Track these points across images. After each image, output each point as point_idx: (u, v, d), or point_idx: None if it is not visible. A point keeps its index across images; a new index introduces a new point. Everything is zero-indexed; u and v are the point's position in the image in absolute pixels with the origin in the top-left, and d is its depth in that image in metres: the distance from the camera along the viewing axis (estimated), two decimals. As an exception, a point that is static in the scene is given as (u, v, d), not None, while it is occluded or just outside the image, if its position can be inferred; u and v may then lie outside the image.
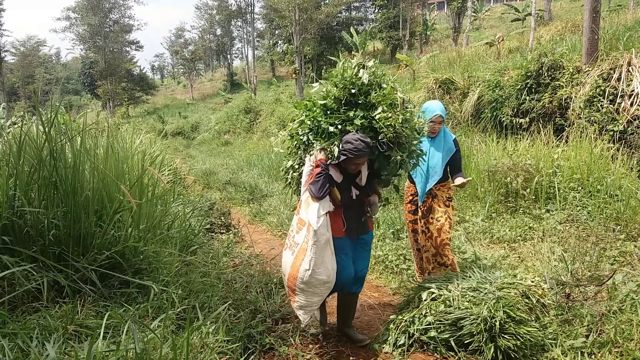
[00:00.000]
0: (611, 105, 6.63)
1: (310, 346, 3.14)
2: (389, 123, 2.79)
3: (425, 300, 3.09)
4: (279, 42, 40.16)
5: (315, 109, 3.01)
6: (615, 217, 4.82)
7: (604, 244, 4.29)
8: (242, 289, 3.61)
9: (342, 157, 2.82)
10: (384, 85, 2.95)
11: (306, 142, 3.00)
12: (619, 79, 6.71)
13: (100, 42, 38.72)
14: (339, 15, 34.22)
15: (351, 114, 2.86)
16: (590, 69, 7.25)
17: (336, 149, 2.83)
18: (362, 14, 41.01)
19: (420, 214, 3.86)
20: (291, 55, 28.87)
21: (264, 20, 40.37)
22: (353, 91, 2.90)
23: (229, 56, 50.39)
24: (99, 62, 38.43)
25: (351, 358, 3.02)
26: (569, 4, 27.31)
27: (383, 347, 3.06)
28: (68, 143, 3.15)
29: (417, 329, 2.99)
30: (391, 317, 3.25)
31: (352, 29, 25.28)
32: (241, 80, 40.17)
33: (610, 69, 6.90)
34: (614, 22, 10.90)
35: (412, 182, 3.90)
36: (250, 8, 38.48)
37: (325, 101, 2.96)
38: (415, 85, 11.98)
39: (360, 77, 2.91)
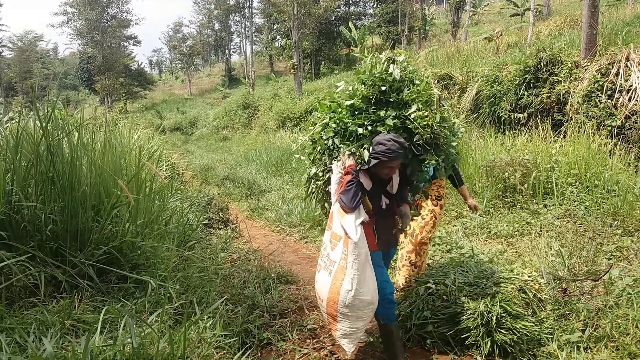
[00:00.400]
0: (609, 101, 6.63)
1: (308, 341, 3.15)
2: (425, 123, 2.55)
3: (422, 295, 3.10)
4: (277, 37, 40.02)
5: (340, 110, 2.74)
6: (613, 212, 4.84)
7: (601, 239, 4.31)
8: (239, 284, 3.62)
9: (374, 161, 2.53)
10: (417, 81, 2.73)
11: (331, 147, 2.73)
12: (617, 74, 6.71)
13: (98, 37, 38.58)
14: (337, 10, 34.07)
15: (382, 113, 2.60)
16: (588, 64, 7.25)
17: (366, 153, 2.55)
18: (360, 8, 40.86)
19: None
20: (289, 50, 28.75)
21: (262, 15, 40.27)
22: (383, 88, 2.64)
23: (227, 51, 50.31)
24: (96, 57, 38.29)
25: (348, 352, 3.03)
26: (568, -1, 27.17)
27: (381, 342, 3.07)
28: (65, 138, 3.14)
29: (414, 323, 3.00)
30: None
31: (350, 24, 25.20)
32: (239, 76, 40.03)
33: (609, 64, 6.91)
34: (612, 17, 10.87)
35: None
36: (248, 3, 38.30)
37: (352, 101, 2.70)
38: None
39: (391, 73, 2.66)
